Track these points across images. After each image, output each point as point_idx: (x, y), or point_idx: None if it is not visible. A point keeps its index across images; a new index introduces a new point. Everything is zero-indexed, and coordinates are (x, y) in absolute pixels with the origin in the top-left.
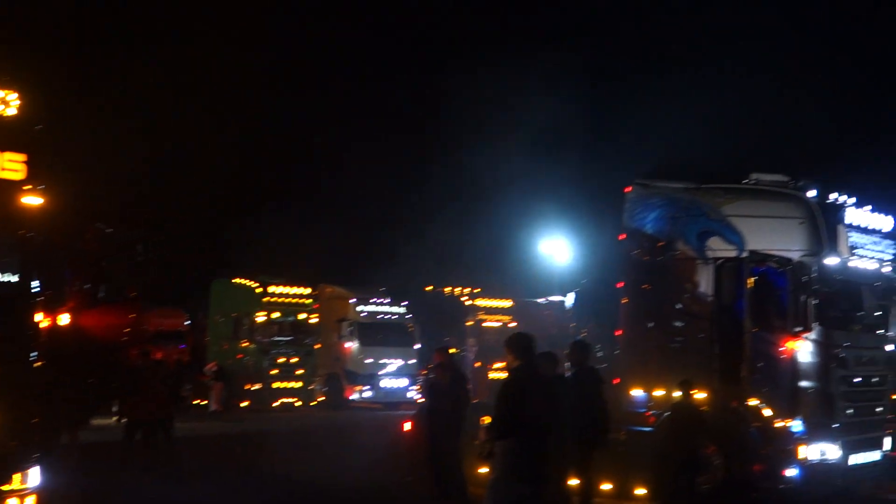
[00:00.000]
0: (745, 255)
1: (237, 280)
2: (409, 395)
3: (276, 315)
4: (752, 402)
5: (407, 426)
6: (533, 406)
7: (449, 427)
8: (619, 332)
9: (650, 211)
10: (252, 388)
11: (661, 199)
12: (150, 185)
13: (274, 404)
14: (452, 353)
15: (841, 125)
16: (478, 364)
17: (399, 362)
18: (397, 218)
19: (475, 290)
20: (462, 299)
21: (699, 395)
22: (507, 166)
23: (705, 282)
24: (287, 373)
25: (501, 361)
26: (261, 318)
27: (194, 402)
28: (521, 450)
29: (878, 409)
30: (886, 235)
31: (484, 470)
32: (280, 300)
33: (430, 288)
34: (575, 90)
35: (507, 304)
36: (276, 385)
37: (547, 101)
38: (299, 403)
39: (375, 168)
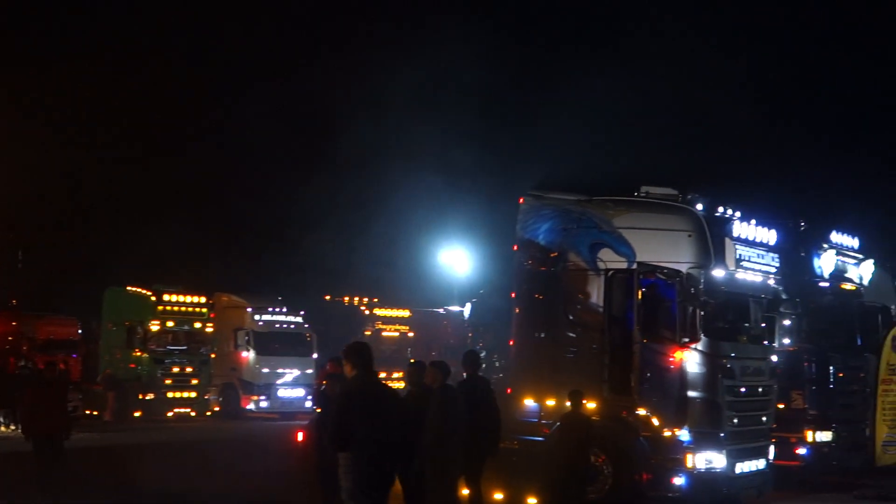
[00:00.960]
0: (635, 266)
1: (131, 288)
2: (306, 404)
3: (170, 324)
4: (642, 411)
5: (300, 436)
6: (370, 416)
7: None
8: (511, 342)
9: (543, 222)
10: (145, 398)
11: (554, 211)
12: (35, 192)
13: (168, 414)
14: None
15: (729, 141)
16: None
17: (296, 372)
18: (296, 226)
19: (374, 300)
20: (360, 308)
21: (590, 404)
22: (408, 178)
23: (596, 293)
24: (181, 383)
25: (398, 371)
26: (155, 326)
27: (86, 413)
28: (366, 460)
29: (763, 419)
30: (771, 249)
31: None
32: (175, 309)
33: (329, 297)
34: (472, 103)
35: (406, 313)
36: (170, 395)
37: (445, 112)
38: (194, 413)
39: (274, 175)
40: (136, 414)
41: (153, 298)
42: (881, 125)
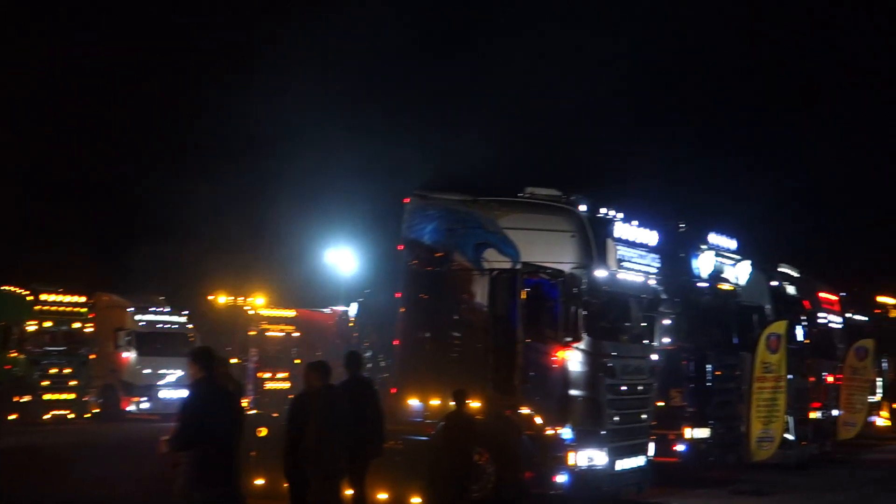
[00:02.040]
0: (518, 266)
1: (6, 287)
2: None
3: (48, 324)
4: (525, 410)
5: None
6: (216, 416)
7: None
8: (396, 342)
9: (428, 222)
10: (21, 401)
11: (439, 211)
12: None
13: (45, 417)
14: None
15: (613, 144)
16: (260, 374)
17: (179, 373)
18: (179, 224)
19: (258, 299)
20: (245, 308)
21: (474, 404)
22: (294, 175)
23: (481, 293)
24: (59, 384)
25: (284, 371)
26: (31, 327)
27: None
28: (207, 458)
29: (642, 417)
30: (652, 250)
31: None
32: (53, 308)
33: (213, 296)
34: (360, 102)
35: (291, 313)
36: (47, 397)
37: (332, 113)
38: (72, 416)
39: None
40: (11, 417)
41: (30, 298)
42: (760, 130)
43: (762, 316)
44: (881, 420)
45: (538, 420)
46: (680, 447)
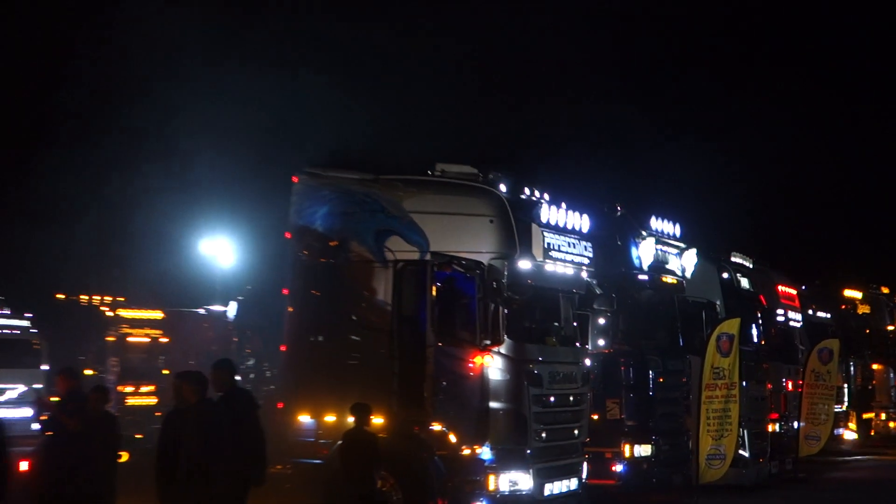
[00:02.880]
0: (428, 257)
1: None
2: (33, 426)
3: None
4: (436, 427)
5: (24, 465)
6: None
7: (75, 467)
8: (284, 348)
9: (321, 205)
10: None
11: (334, 192)
12: None
13: None
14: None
15: (538, 117)
16: (121, 388)
17: (21, 387)
18: (19, 207)
19: (118, 299)
20: (102, 310)
21: (377, 420)
22: (160, 154)
23: (384, 288)
24: None
25: (149, 384)
26: None
27: None
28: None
29: (574, 432)
30: (583, 237)
31: None
32: None
33: (63, 296)
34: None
35: (158, 315)
36: None
37: (210, 79)
38: None
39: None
40: None
41: None
42: (706, 105)
43: (712, 313)
44: (848, 433)
45: (452, 438)
46: (618, 467)
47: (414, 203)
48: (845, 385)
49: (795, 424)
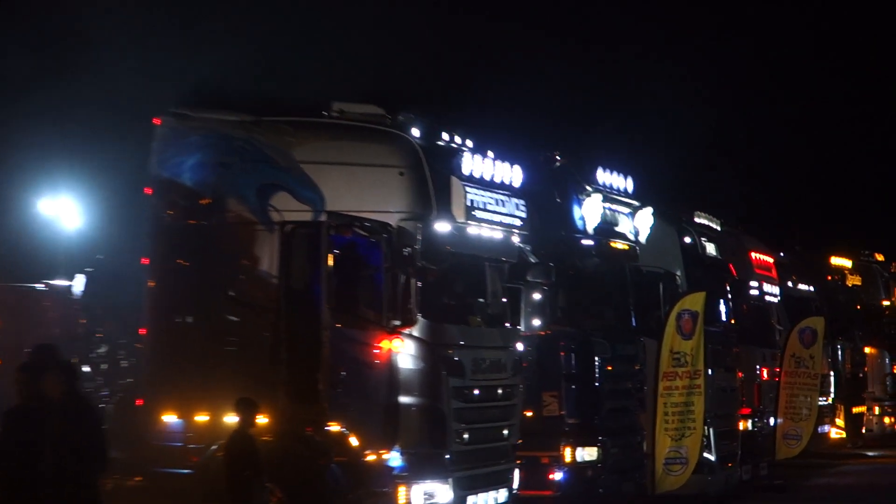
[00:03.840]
0: (323, 218)
1: None
2: None
3: None
4: (334, 427)
5: None
6: None
7: None
8: (143, 331)
9: (190, 154)
10: None
11: (206, 138)
12: None
13: None
14: None
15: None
16: None
17: None
18: None
19: None
20: None
21: (262, 419)
22: None
23: (268, 257)
24: None
25: None
26: None
27: None
28: None
29: (504, 433)
30: (515, 193)
31: None
32: None
33: None
34: None
35: None
36: None
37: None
38: None
39: None
40: None
41: None
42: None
43: (671, 286)
44: (835, 431)
45: (354, 441)
46: (557, 475)
47: (306, 151)
48: (832, 373)
49: (772, 421)
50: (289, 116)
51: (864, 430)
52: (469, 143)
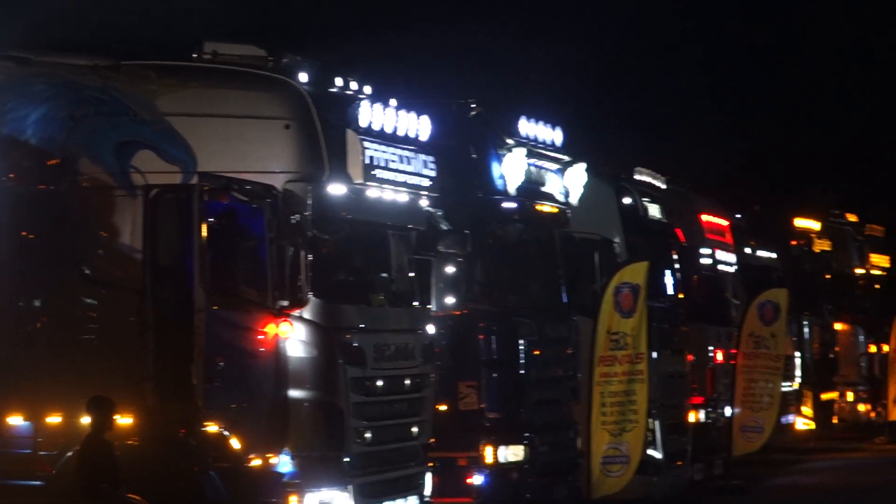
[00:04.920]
0: (195, 181)
1: None
2: None
3: None
4: (212, 428)
5: None
6: None
7: None
8: None
9: (34, 106)
10: None
11: (53, 87)
12: None
13: None
14: None
15: None
16: None
17: None
18: None
19: None
20: None
21: (125, 420)
22: None
23: (130, 228)
24: None
25: None
26: None
27: None
28: None
29: (413, 431)
30: (423, 149)
31: None
32: None
33: None
34: None
35: None
36: None
37: None
38: None
39: None
40: None
41: None
42: None
43: (608, 255)
44: (801, 421)
45: (235, 443)
46: (477, 478)
47: (174, 101)
48: (797, 354)
49: (728, 411)
50: (152, 60)
51: (835, 420)
52: (367, 90)
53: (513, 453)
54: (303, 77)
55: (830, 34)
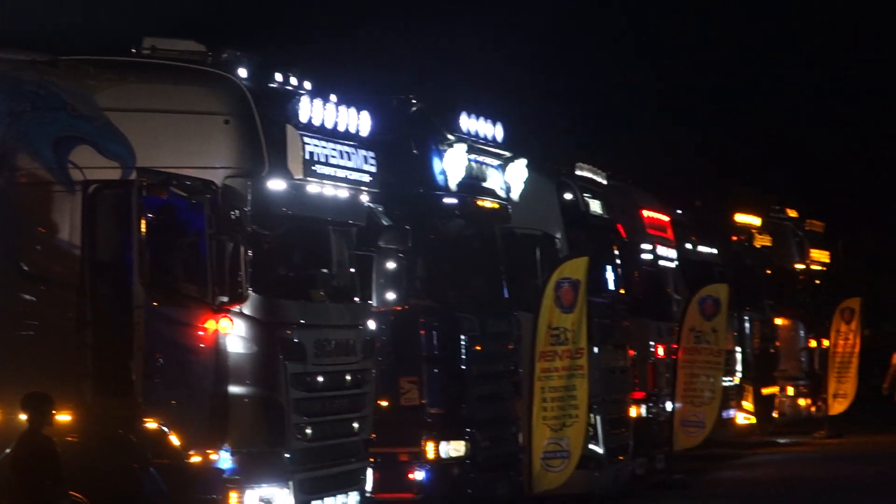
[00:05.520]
0: (133, 176)
1: None
2: None
3: None
4: (151, 424)
5: None
6: None
7: None
8: None
9: None
10: None
11: None
12: None
13: None
14: None
15: None
16: None
17: None
18: None
19: None
20: None
21: (63, 417)
22: None
23: (69, 224)
24: None
25: None
26: None
27: None
28: None
29: (354, 426)
30: (364, 144)
31: None
32: None
33: None
34: None
35: None
36: None
37: None
38: None
39: None
40: None
41: None
42: None
43: (550, 250)
44: (742, 416)
45: (175, 440)
46: (418, 474)
47: (112, 97)
48: (738, 349)
49: (669, 406)
50: (91, 55)
51: (775, 415)
52: (307, 85)
53: (454, 449)
54: (242, 72)
55: (770, 29)
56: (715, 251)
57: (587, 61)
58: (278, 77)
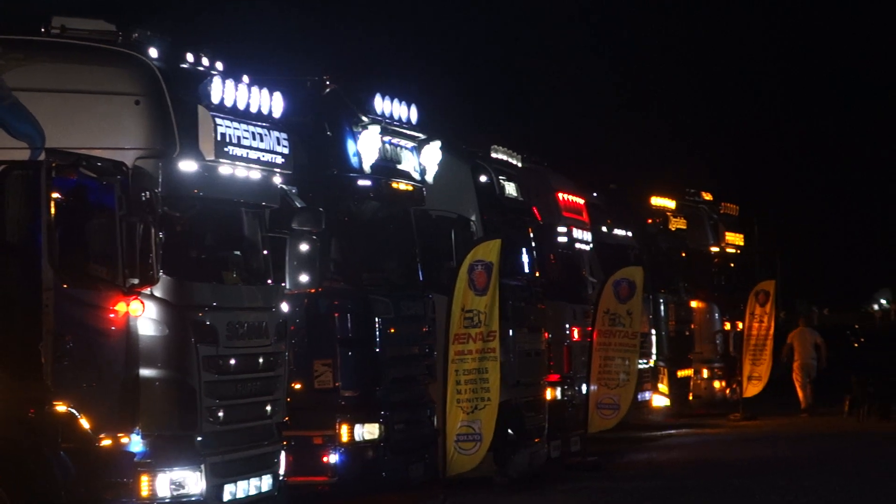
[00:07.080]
0: (42, 157)
1: None
2: None
3: None
4: (61, 407)
5: None
6: None
7: None
8: None
9: None
10: None
11: None
12: None
13: None
14: None
15: None
16: None
17: None
18: None
19: None
20: None
21: None
22: None
23: None
24: None
25: None
26: None
27: None
28: None
29: (267, 409)
30: (277, 125)
31: None
32: None
33: None
34: None
35: None
36: None
37: None
38: None
39: None
40: None
41: None
42: None
43: (464, 233)
44: (658, 398)
45: (85, 423)
46: (333, 457)
47: (20, 76)
48: (653, 331)
49: (584, 388)
50: None
51: (691, 397)
52: (219, 66)
53: (368, 432)
54: (153, 52)
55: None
56: (630, 234)
57: (505, 44)
58: (190, 57)
